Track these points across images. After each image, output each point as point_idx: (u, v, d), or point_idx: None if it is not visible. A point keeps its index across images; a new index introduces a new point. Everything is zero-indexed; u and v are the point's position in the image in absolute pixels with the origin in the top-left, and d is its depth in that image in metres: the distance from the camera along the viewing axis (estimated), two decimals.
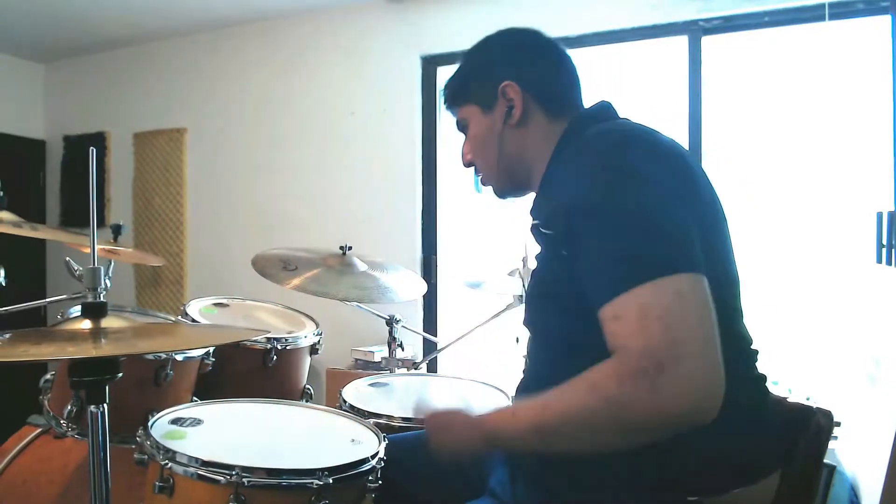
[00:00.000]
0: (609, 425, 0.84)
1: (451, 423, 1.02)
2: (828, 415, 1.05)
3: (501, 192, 1.22)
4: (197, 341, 1.37)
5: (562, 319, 1.00)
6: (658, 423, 0.81)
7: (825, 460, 1.04)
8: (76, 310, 1.66)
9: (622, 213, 0.87)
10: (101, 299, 1.12)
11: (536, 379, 1.09)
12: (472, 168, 1.22)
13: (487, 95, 1.13)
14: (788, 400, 1.08)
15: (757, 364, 1.01)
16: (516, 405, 1.00)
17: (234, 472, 1.06)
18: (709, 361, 0.80)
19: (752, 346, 1.02)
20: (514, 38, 1.18)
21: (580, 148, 1.00)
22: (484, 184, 1.23)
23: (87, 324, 1.09)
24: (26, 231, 1.69)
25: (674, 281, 0.82)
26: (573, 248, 0.92)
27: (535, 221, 1.05)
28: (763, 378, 1.02)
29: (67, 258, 1.40)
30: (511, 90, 1.11)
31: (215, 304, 2.25)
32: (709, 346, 0.81)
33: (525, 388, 1.14)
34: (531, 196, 1.19)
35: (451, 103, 1.21)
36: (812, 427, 1.04)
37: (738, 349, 0.99)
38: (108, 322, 1.10)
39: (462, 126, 1.21)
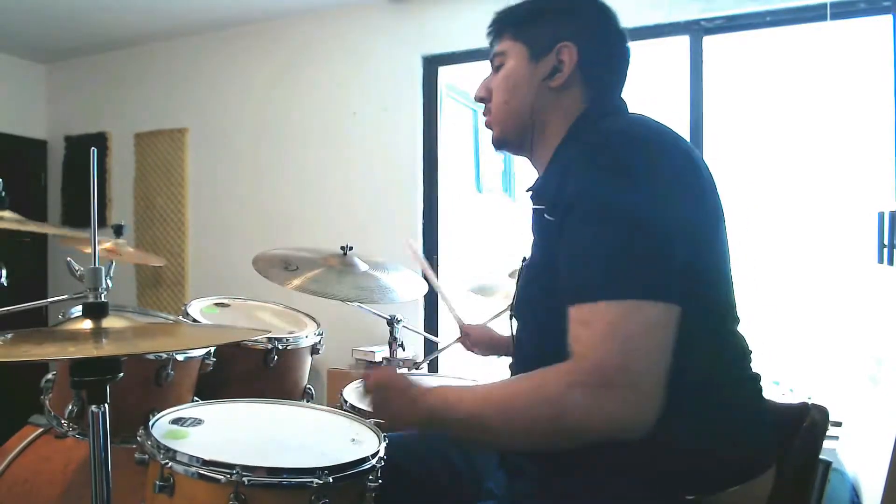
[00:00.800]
0: (542, 425, 0.86)
1: (393, 388, 1.02)
2: (823, 411, 1.05)
3: (500, 143, 1.16)
4: (198, 341, 1.37)
5: (549, 309, 0.98)
6: (587, 435, 0.85)
7: (821, 456, 1.04)
8: (77, 310, 1.66)
9: (620, 221, 0.87)
10: (103, 299, 1.12)
11: (523, 368, 1.08)
12: (482, 104, 1.16)
13: (542, 44, 1.07)
14: (784, 398, 1.08)
15: (752, 364, 1.02)
16: (463, 388, 0.99)
17: (234, 472, 1.06)
18: (652, 394, 0.83)
19: (748, 347, 1.02)
20: (594, 7, 1.11)
21: (593, 140, 0.97)
22: (488, 126, 1.16)
23: (88, 324, 1.09)
24: (31, 226, 1.69)
25: (649, 308, 0.84)
26: (563, 240, 0.92)
27: (539, 206, 1.01)
28: (757, 378, 1.02)
29: (69, 258, 1.40)
30: (567, 53, 1.05)
31: (216, 304, 2.25)
32: (658, 381, 0.84)
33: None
34: (526, 173, 1.18)
35: (500, 31, 1.13)
36: (807, 423, 1.04)
37: (734, 350, 0.99)
38: (110, 322, 1.10)
39: (497, 61, 1.13)
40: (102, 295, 1.12)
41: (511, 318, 1.18)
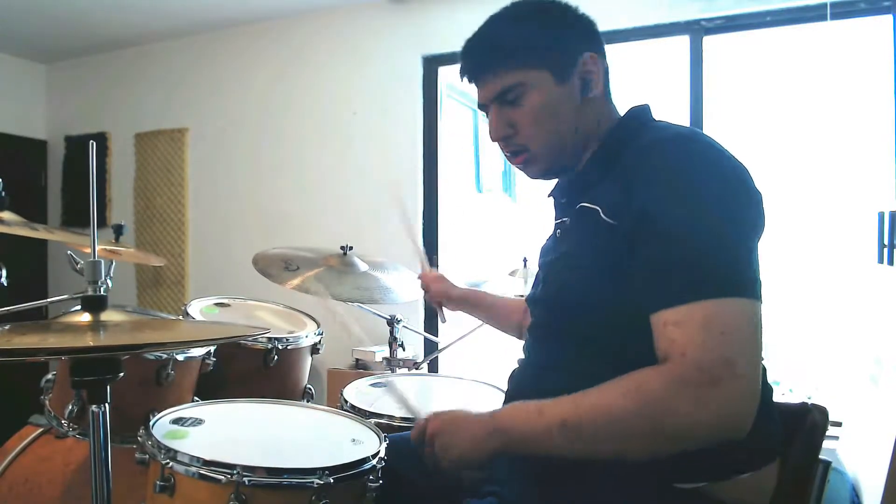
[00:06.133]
0: (645, 429, 0.84)
1: (457, 424, 0.99)
2: (823, 411, 1.05)
3: (548, 173, 1.12)
4: (196, 337, 1.36)
5: (591, 309, 0.98)
6: (694, 435, 0.82)
7: (821, 456, 1.04)
8: (77, 310, 1.65)
9: (702, 227, 0.87)
10: (102, 293, 1.11)
11: (542, 367, 1.08)
12: (506, 142, 1.10)
13: (563, 63, 1.05)
14: (784, 398, 1.09)
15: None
16: (538, 401, 0.93)
17: (234, 472, 1.06)
18: (754, 387, 0.82)
19: None
20: (572, 11, 1.11)
21: (654, 145, 0.96)
22: (524, 162, 1.10)
23: (86, 317, 1.09)
24: (28, 231, 1.69)
25: (740, 303, 0.84)
26: (636, 247, 0.90)
27: (592, 206, 0.98)
28: (765, 370, 1.03)
29: (69, 251, 1.40)
30: (593, 62, 1.06)
31: (216, 304, 2.25)
32: (757, 373, 0.83)
33: (525, 376, 1.13)
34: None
35: (500, 64, 1.07)
36: (808, 423, 1.04)
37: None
38: (108, 316, 1.10)
39: (512, 94, 1.06)
40: (102, 289, 1.11)
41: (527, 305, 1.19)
